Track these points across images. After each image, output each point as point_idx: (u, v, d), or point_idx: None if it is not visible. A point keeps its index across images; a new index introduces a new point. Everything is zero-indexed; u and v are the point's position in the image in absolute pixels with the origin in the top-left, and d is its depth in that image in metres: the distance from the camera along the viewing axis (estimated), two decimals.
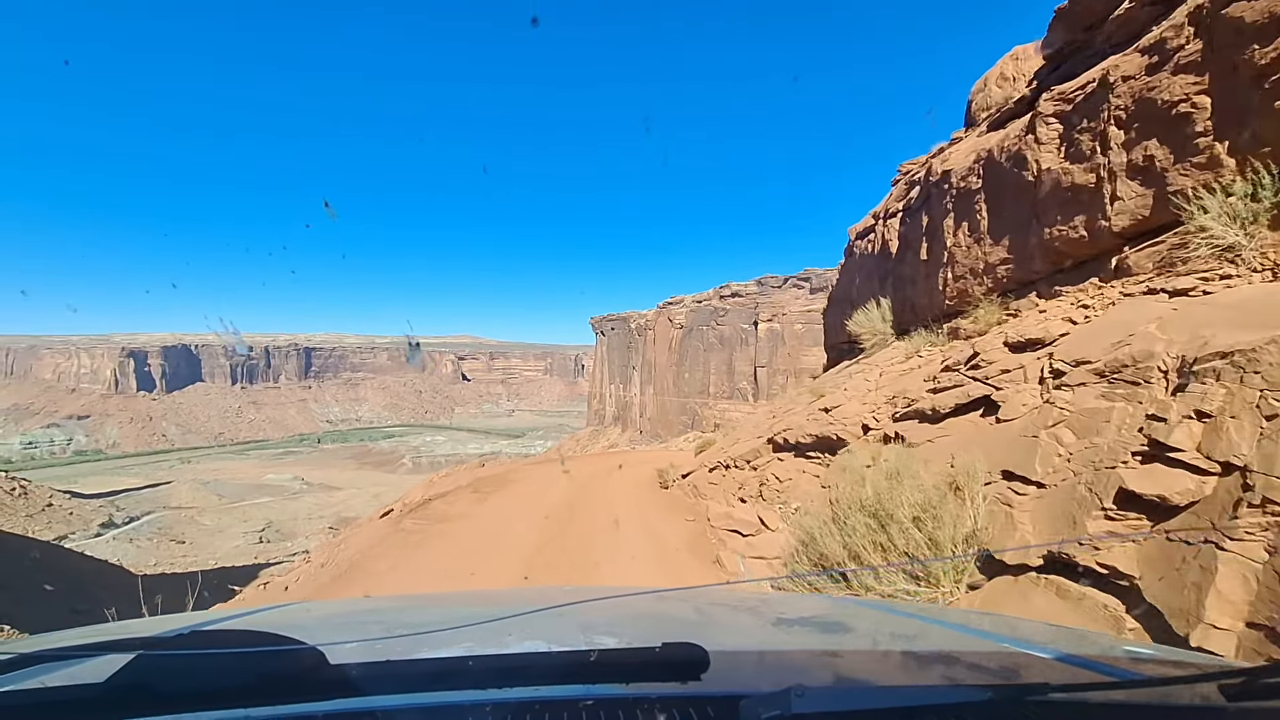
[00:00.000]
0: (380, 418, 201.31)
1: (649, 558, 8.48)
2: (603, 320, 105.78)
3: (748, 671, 1.17)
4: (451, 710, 0.92)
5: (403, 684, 1.00)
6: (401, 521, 12.59)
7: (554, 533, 10.27)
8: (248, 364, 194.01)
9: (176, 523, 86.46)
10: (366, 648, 1.43)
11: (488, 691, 0.94)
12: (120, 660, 0.90)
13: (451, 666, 1.05)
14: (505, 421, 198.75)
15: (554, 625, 1.68)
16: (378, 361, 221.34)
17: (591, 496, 13.63)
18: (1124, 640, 2.77)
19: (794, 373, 70.26)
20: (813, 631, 1.80)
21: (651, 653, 0.97)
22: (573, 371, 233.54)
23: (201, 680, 0.92)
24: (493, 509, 12.75)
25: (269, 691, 0.91)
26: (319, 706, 0.90)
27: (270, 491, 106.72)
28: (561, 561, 8.56)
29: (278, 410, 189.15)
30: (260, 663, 0.96)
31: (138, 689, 0.87)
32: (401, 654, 1.33)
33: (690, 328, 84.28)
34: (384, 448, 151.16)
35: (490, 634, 1.56)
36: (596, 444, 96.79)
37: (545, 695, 0.95)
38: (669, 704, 0.91)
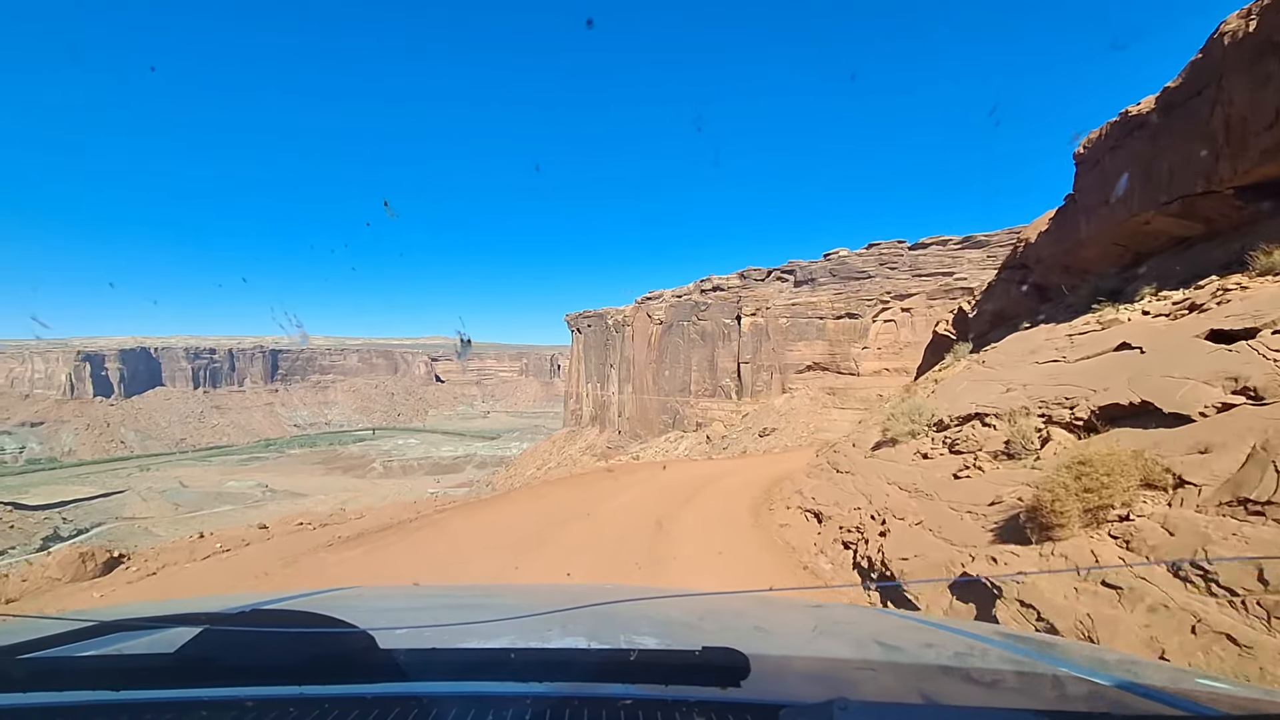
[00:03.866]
0: (351, 421, 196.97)
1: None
2: (579, 317, 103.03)
3: (789, 681, 1.15)
4: (494, 700, 0.94)
5: (448, 672, 1.04)
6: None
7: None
8: (210, 367, 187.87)
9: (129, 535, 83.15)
10: (414, 635, 1.49)
11: (529, 684, 0.97)
12: (189, 633, 0.98)
13: (495, 658, 1.10)
14: (480, 423, 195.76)
15: (595, 623, 1.71)
16: (347, 364, 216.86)
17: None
18: (1196, 670, 2.59)
19: (779, 368, 68.15)
20: (857, 644, 1.73)
21: (691, 656, 0.97)
22: (549, 372, 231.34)
23: (261, 656, 0.99)
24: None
25: (322, 671, 0.97)
26: (368, 688, 0.96)
27: (231, 499, 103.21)
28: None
29: (243, 415, 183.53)
30: (315, 643, 1.03)
31: (203, 661, 0.95)
32: (447, 643, 1.37)
33: (670, 323, 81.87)
34: (354, 452, 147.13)
35: (532, 628, 1.59)
36: (573, 445, 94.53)
37: (585, 692, 0.97)
38: (708, 708, 0.92)
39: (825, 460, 13.10)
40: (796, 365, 66.82)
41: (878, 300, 64.19)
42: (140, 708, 0.92)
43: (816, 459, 14.39)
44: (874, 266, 65.23)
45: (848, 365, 63.79)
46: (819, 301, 66.77)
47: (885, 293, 64.04)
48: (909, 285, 63.76)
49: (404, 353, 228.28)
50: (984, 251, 61.69)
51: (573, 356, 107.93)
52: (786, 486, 13.11)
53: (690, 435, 65.31)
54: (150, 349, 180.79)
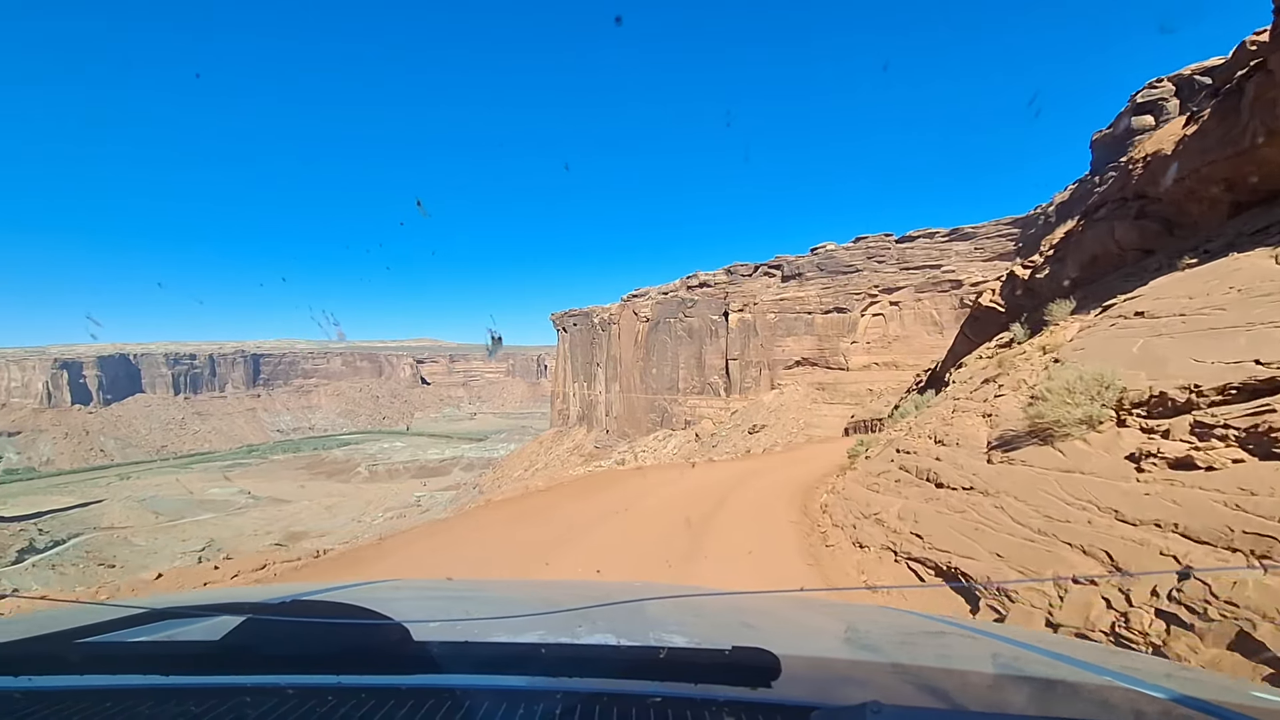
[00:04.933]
0: (335, 425, 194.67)
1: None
2: (564, 316, 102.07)
3: (820, 682, 1.14)
4: (524, 695, 0.95)
5: (479, 665, 1.05)
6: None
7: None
8: (191, 373, 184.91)
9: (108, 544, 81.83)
10: (447, 628, 1.53)
11: (559, 680, 0.98)
12: (233, 622, 1.03)
13: (525, 652, 1.10)
14: (467, 425, 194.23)
15: (624, 620, 1.73)
16: (331, 367, 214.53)
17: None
18: (1249, 683, 2.33)
19: (768, 364, 67.69)
20: (892, 646, 1.69)
21: (721, 655, 0.97)
22: (535, 372, 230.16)
23: (301, 646, 1.03)
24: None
25: (359, 662, 1.01)
26: (403, 680, 0.98)
27: (213, 507, 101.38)
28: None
29: (224, 421, 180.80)
30: (352, 634, 1.07)
31: (247, 649, 1.00)
32: (478, 636, 1.42)
33: (657, 321, 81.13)
34: (338, 456, 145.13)
35: (562, 624, 1.60)
36: (560, 446, 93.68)
37: (614, 689, 0.97)
38: (738, 708, 0.92)
39: (898, 465, 9.85)
40: (785, 361, 66.39)
41: (866, 294, 63.91)
42: (188, 692, 0.96)
43: (871, 462, 11.51)
44: (861, 260, 64.94)
45: (837, 360, 63.42)
46: (807, 296, 66.38)
47: (873, 286, 63.77)
48: (897, 279, 63.54)
49: (388, 355, 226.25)
50: (971, 244, 61.63)
51: (559, 356, 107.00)
52: (835, 502, 10.65)
53: (679, 434, 64.70)
54: (129, 355, 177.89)
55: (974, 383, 11.98)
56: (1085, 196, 40.07)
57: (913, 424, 12.11)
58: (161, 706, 0.94)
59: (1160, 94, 34.15)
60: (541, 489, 15.10)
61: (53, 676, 1.00)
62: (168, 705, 0.94)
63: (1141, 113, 34.97)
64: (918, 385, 26.48)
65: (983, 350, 15.08)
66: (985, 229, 61.37)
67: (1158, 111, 34.40)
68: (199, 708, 0.92)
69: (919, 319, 62.31)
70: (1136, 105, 35.08)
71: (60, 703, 0.94)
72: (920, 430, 10.96)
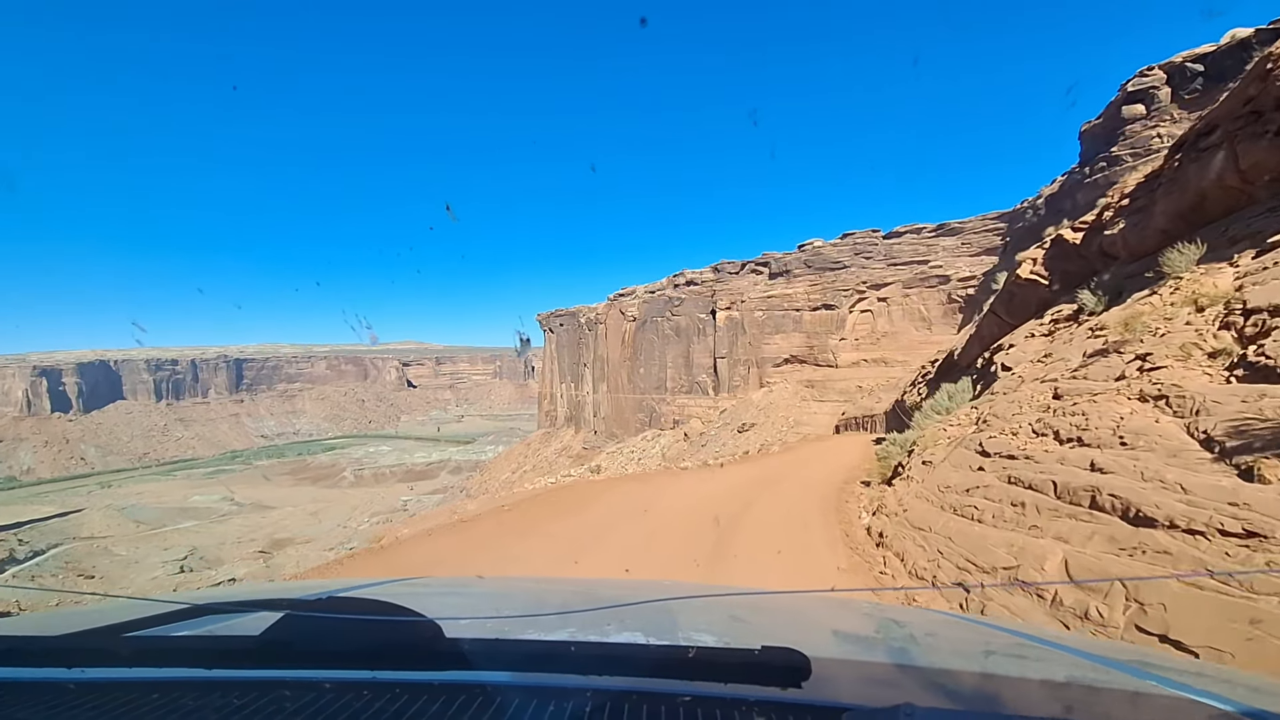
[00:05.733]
0: (320, 430, 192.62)
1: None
2: (550, 317, 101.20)
3: (851, 684, 1.13)
4: (554, 693, 0.96)
5: (510, 663, 1.07)
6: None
7: None
8: (173, 378, 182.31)
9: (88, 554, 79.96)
10: (478, 625, 1.56)
11: (589, 678, 0.98)
12: (272, 617, 1.06)
13: (556, 650, 1.11)
14: (454, 427, 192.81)
15: (653, 618, 1.73)
16: (315, 371, 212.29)
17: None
18: None
19: (756, 362, 67.13)
20: (923, 648, 1.69)
21: (751, 654, 0.97)
22: (523, 373, 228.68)
23: (337, 641, 1.05)
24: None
25: (393, 657, 1.03)
26: (435, 676, 1.01)
27: (196, 514, 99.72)
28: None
29: (207, 427, 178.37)
30: (387, 630, 1.09)
31: (284, 645, 1.02)
32: (509, 634, 1.44)
33: (644, 320, 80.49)
34: (323, 461, 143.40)
35: (591, 622, 1.62)
36: (548, 447, 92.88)
37: (644, 687, 0.98)
38: (768, 708, 0.92)
39: (998, 476, 7.23)
40: (774, 359, 65.88)
41: (854, 291, 63.48)
42: (230, 685, 1.00)
43: (935, 471, 8.88)
44: (849, 256, 64.51)
45: (825, 357, 62.94)
46: (795, 293, 65.88)
47: (861, 283, 63.37)
48: (884, 275, 63.17)
49: (374, 358, 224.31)
50: (958, 239, 61.31)
51: (545, 357, 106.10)
52: (894, 529, 8.07)
53: (667, 433, 64.00)
54: (110, 362, 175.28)
55: (1061, 362, 9.41)
56: (1075, 189, 39.68)
57: (985, 416, 9.25)
58: (205, 698, 0.98)
59: (1151, 82, 33.74)
60: (474, 514, 12.51)
61: (102, 668, 1.05)
62: (211, 697, 0.98)
63: (1132, 101, 34.56)
64: (925, 377, 24.97)
65: (1034, 328, 13.19)
66: (972, 224, 61.06)
67: (1149, 100, 34.01)
68: (240, 700, 0.95)
69: (907, 315, 61.95)
70: (1128, 94, 34.64)
71: (110, 693, 0.99)
72: (1005, 424, 8.32)
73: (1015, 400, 9.13)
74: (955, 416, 11.28)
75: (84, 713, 0.94)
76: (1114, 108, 36.33)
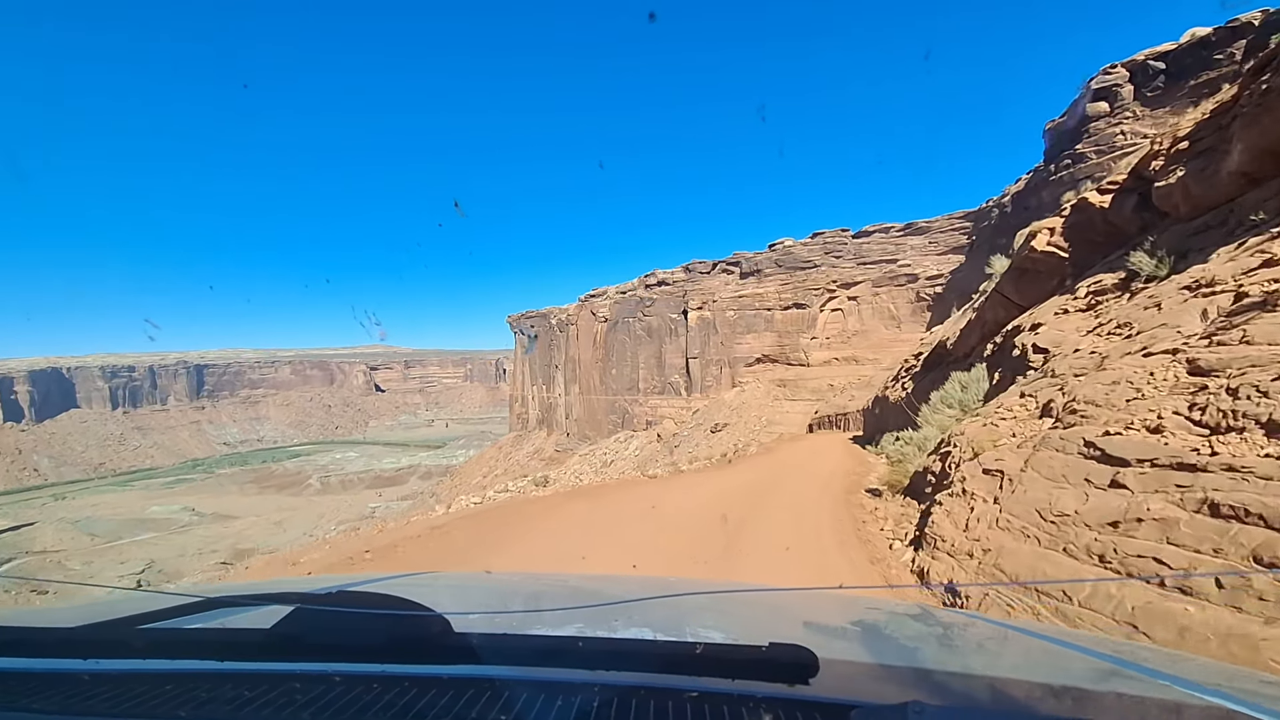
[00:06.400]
0: (285, 436, 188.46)
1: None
2: (521, 318, 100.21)
3: (860, 681, 1.13)
4: (562, 687, 0.97)
5: (518, 657, 1.08)
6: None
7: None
8: (129, 385, 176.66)
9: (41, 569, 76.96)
10: (486, 620, 1.60)
11: (596, 673, 0.98)
12: (282, 611, 1.08)
13: (563, 645, 1.11)
14: (424, 432, 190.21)
15: (661, 614, 1.73)
16: (280, 377, 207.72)
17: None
18: None
19: (729, 362, 67.07)
20: (935, 646, 1.69)
21: (758, 651, 0.97)
22: (494, 376, 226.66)
23: (347, 635, 1.06)
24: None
25: (401, 651, 1.05)
26: (444, 670, 1.02)
27: (154, 526, 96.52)
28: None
29: (167, 435, 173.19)
30: (395, 625, 1.10)
31: (295, 638, 1.05)
32: (517, 629, 1.46)
33: (615, 320, 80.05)
34: (289, 468, 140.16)
35: (599, 618, 1.64)
36: (520, 450, 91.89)
37: (651, 683, 0.98)
38: (775, 705, 0.92)
39: (1171, 501, 4.68)
40: (746, 358, 65.87)
41: (824, 290, 63.74)
42: (241, 678, 1.01)
43: (1033, 484, 6.06)
44: (819, 256, 64.77)
45: (797, 356, 63.07)
46: (766, 293, 65.95)
47: (831, 281, 63.66)
48: (854, 274, 63.53)
49: (340, 363, 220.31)
50: (925, 238, 61.90)
51: (516, 359, 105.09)
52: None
53: (640, 435, 63.57)
54: (63, 369, 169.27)
55: (1160, 330, 7.30)
56: (1040, 186, 40.15)
57: (1067, 404, 6.97)
58: (217, 690, 0.98)
59: (1115, 80, 34.23)
60: (386, 543, 9.81)
61: (116, 660, 1.06)
62: (223, 689, 0.98)
63: (1097, 99, 35.02)
64: (909, 371, 23.97)
65: (1063, 304, 11.18)
66: (939, 223, 61.73)
67: (1112, 98, 34.51)
68: (252, 692, 0.97)
69: (877, 313, 62.41)
70: (1092, 92, 35.10)
71: (123, 685, 1.00)
72: (1118, 413, 6.02)
73: (1114, 381, 6.76)
74: (998, 408, 8.84)
75: (98, 704, 0.95)
76: (1078, 105, 36.82)
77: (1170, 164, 10.50)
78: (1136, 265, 9.61)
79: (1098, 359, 7.87)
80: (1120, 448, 5.48)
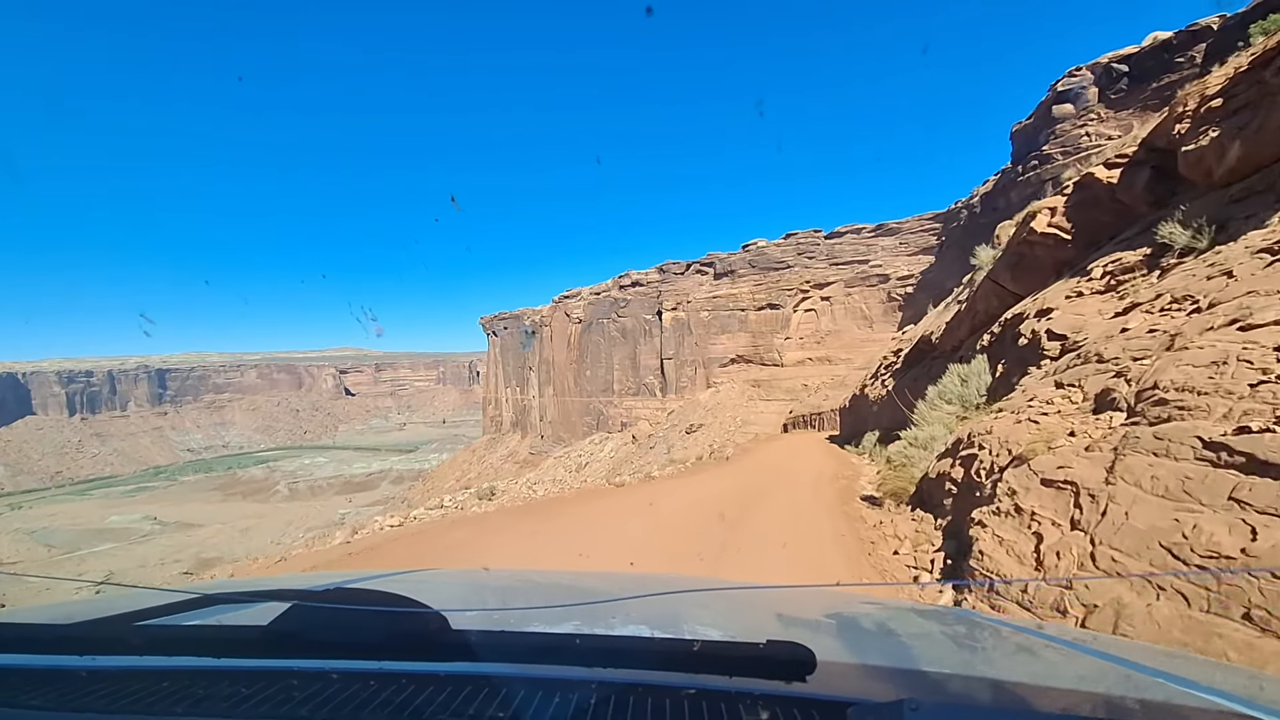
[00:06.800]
0: (252, 442, 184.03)
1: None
2: (494, 320, 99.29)
3: (856, 678, 1.13)
4: (559, 684, 0.97)
5: (515, 654, 1.08)
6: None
7: None
8: (87, 391, 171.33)
9: None
10: (484, 617, 1.62)
11: (594, 670, 0.98)
12: (279, 608, 1.08)
13: (560, 643, 1.13)
14: (396, 436, 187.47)
15: (658, 612, 1.72)
16: (245, 381, 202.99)
17: None
18: None
19: (703, 362, 67.11)
20: (929, 643, 1.68)
21: (755, 648, 0.97)
22: (467, 378, 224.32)
23: (344, 632, 1.06)
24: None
25: (399, 649, 1.05)
26: (441, 667, 1.02)
27: (114, 536, 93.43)
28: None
29: (127, 441, 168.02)
30: (393, 621, 1.10)
31: (293, 635, 1.04)
32: (514, 626, 1.45)
33: (589, 322, 79.67)
34: (255, 475, 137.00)
35: (596, 615, 1.63)
36: (494, 453, 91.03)
37: (648, 680, 0.98)
38: (772, 702, 0.92)
39: None
40: (720, 359, 65.96)
41: (798, 290, 64.08)
42: (239, 674, 1.01)
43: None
44: (792, 256, 65.10)
45: (771, 356, 63.32)
46: (740, 293, 66.12)
47: (805, 282, 64.02)
48: (827, 274, 63.97)
49: (308, 366, 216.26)
50: (896, 239, 62.58)
51: (489, 361, 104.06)
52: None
53: (615, 436, 63.23)
54: (17, 374, 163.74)
55: (1230, 305, 5.88)
56: (1009, 187, 40.76)
57: (1145, 395, 5.40)
58: (214, 687, 0.98)
59: (1079, 82, 34.88)
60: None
61: (113, 657, 1.06)
62: (220, 686, 0.98)
63: (1062, 101, 35.64)
64: (889, 368, 23.28)
65: (1076, 286, 10.04)
66: (909, 224, 62.44)
67: (1077, 100, 35.12)
68: (249, 689, 0.96)
69: (849, 313, 62.91)
70: (1057, 94, 35.73)
71: (120, 682, 1.00)
72: (1238, 403, 4.41)
73: (1215, 361, 5.06)
74: (1030, 401, 7.42)
75: (95, 700, 0.95)
76: (1044, 107, 37.46)
77: (1200, 125, 9.18)
78: (1167, 238, 8.48)
79: (1164, 338, 6.48)
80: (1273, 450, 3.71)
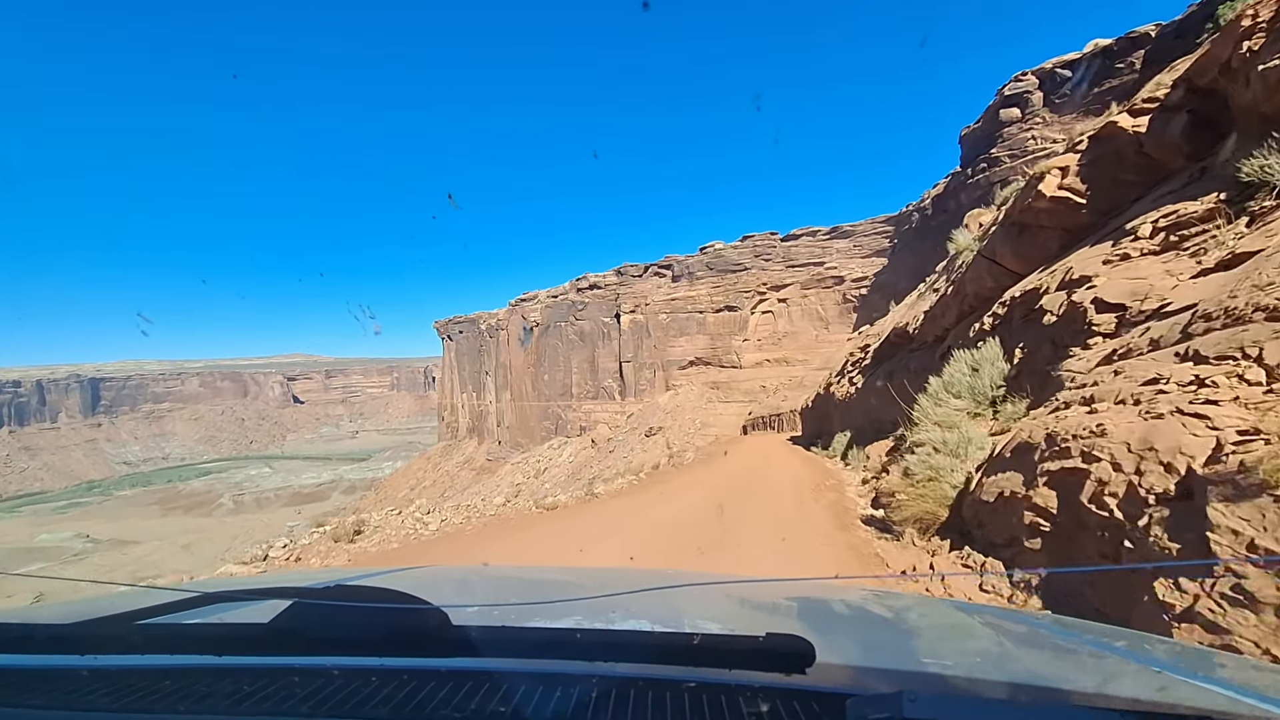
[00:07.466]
0: (194, 453, 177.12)
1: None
2: (449, 324, 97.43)
3: (855, 670, 1.13)
4: (560, 679, 0.97)
5: (516, 649, 1.08)
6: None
7: None
8: (15, 402, 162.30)
9: None
10: (484, 613, 1.61)
11: (594, 664, 0.99)
12: (280, 605, 1.07)
13: (561, 637, 1.12)
14: (348, 444, 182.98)
15: (658, 606, 1.72)
16: (187, 389, 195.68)
17: None
18: None
19: (662, 365, 66.90)
20: (928, 634, 1.69)
21: (755, 641, 0.96)
22: (423, 384, 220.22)
23: (344, 629, 1.06)
24: None
25: (400, 645, 1.05)
26: (442, 663, 1.02)
27: (44, 555, 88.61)
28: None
29: (58, 455, 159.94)
30: (394, 618, 1.09)
31: (293, 632, 1.03)
32: (515, 621, 1.49)
33: (547, 325, 78.79)
34: (197, 488, 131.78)
35: (596, 609, 1.64)
36: (450, 460, 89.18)
37: (648, 674, 0.98)
38: (772, 694, 0.93)
39: None
40: (679, 361, 65.86)
41: (755, 292, 64.44)
42: (240, 672, 1.02)
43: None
44: (749, 259, 65.44)
45: (729, 358, 63.49)
46: (698, 295, 66.17)
47: (762, 284, 64.42)
48: (784, 276, 64.49)
49: (254, 373, 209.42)
50: (850, 241, 63.49)
51: (445, 365, 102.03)
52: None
53: (574, 441, 62.71)
54: None
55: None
56: (959, 189, 41.60)
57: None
58: (215, 685, 0.99)
59: (1025, 87, 35.82)
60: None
61: (115, 656, 1.06)
62: (221, 684, 0.99)
63: (1008, 105, 36.53)
64: (857, 364, 21.99)
65: (1126, 247, 7.84)
66: (863, 227, 63.45)
67: (1023, 104, 36.04)
68: (250, 686, 0.97)
69: (806, 315, 63.55)
70: (1004, 98, 36.60)
71: (122, 680, 1.00)
72: None
73: None
74: (1140, 386, 4.77)
75: (97, 699, 0.95)
76: (992, 111, 38.36)
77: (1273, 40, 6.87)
78: (1256, 175, 6.57)
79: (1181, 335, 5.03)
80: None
